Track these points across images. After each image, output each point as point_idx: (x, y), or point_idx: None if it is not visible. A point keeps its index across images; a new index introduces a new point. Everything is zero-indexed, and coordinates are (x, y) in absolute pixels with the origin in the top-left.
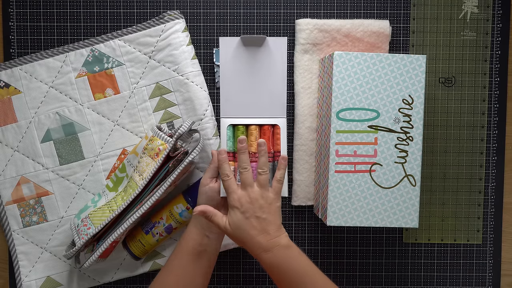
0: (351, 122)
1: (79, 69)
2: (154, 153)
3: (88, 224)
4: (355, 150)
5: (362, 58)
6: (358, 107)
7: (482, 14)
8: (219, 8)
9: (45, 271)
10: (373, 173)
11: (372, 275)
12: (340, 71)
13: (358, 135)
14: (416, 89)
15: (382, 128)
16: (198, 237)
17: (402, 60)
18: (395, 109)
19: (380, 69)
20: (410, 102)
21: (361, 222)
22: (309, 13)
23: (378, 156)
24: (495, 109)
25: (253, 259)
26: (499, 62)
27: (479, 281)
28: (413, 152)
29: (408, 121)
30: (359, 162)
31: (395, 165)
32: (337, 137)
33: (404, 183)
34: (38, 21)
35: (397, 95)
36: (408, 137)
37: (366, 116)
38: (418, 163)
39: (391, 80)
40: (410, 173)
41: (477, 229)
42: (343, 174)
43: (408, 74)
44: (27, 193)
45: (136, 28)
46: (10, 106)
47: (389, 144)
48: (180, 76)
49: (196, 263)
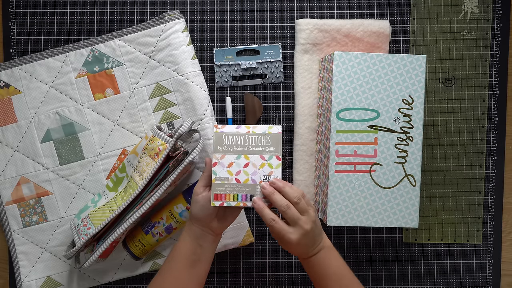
0: (351, 122)
1: (79, 69)
2: (154, 153)
3: (88, 224)
4: (355, 150)
5: (362, 58)
6: (358, 107)
7: (482, 14)
8: (219, 8)
9: (45, 271)
10: (373, 173)
11: (372, 275)
12: (340, 71)
13: (358, 135)
14: (416, 89)
15: (382, 128)
16: (191, 246)
17: (402, 60)
18: (395, 109)
19: (380, 69)
20: (410, 102)
21: (361, 222)
22: (309, 13)
23: (378, 156)
24: (495, 109)
25: (253, 259)
26: (499, 62)
27: (479, 281)
28: (413, 152)
29: (408, 121)
30: (359, 162)
31: (395, 165)
32: (337, 137)
33: (404, 183)
34: (38, 21)
35: (397, 95)
36: (408, 137)
37: (366, 116)
38: (418, 163)
39: (391, 80)
40: (410, 173)
41: (477, 229)
42: (343, 174)
43: (408, 74)
44: (27, 193)
45: (136, 28)
46: (10, 106)
47: (389, 144)
48: (180, 76)
49: (190, 271)
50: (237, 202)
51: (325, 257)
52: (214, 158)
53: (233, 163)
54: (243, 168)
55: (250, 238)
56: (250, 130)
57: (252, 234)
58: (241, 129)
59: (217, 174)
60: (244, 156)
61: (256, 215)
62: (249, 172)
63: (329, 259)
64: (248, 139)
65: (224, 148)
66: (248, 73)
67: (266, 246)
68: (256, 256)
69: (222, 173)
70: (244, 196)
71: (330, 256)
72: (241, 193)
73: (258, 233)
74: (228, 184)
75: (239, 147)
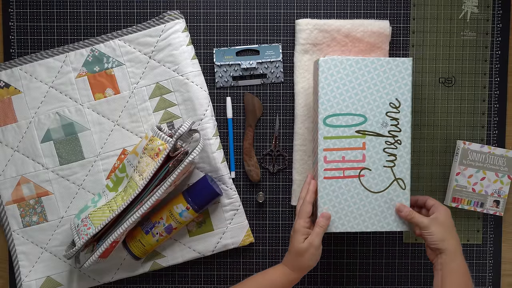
0: (338, 128)
1: (79, 69)
2: (154, 153)
3: (88, 224)
4: (343, 156)
5: (347, 63)
6: (345, 113)
7: (482, 14)
8: (219, 8)
9: (45, 271)
10: (362, 178)
11: (372, 275)
12: (326, 77)
13: (346, 140)
14: (403, 92)
15: (369, 133)
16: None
17: (388, 64)
18: (382, 113)
19: (366, 74)
20: (397, 106)
21: (352, 227)
22: (309, 13)
23: (366, 161)
24: (495, 109)
25: (253, 259)
26: (499, 62)
27: (479, 281)
28: (402, 156)
29: (395, 124)
30: (348, 168)
31: (384, 169)
32: (325, 144)
33: (394, 186)
34: (38, 21)
35: (384, 99)
36: (396, 140)
37: (353, 121)
38: (407, 167)
39: (377, 84)
40: (399, 177)
41: (477, 229)
42: (332, 180)
43: (394, 78)
44: (27, 193)
45: (136, 28)
46: (10, 106)
47: (377, 148)
48: (180, 76)
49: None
50: (469, 206)
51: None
52: (458, 169)
53: (472, 175)
54: (480, 181)
55: (250, 238)
56: (491, 150)
57: (252, 234)
58: (484, 148)
59: (458, 181)
60: (482, 171)
61: (256, 215)
62: (483, 185)
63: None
64: (488, 158)
65: (468, 162)
66: (248, 73)
67: (266, 246)
68: (256, 256)
69: (462, 181)
70: (476, 202)
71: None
72: (474, 200)
73: (258, 233)
74: (465, 192)
75: (479, 163)
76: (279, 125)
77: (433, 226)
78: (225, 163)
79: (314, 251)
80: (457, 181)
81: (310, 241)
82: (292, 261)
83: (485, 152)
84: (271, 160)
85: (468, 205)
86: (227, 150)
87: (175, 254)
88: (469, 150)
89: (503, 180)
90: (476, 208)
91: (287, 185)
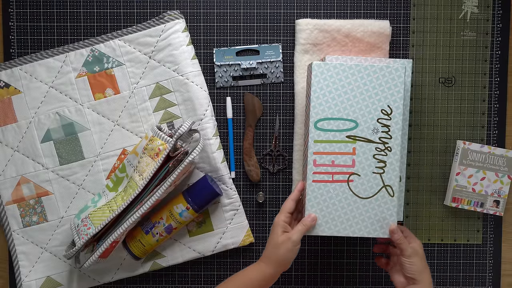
0: (329, 132)
1: (79, 69)
2: (154, 153)
3: (88, 224)
4: (333, 160)
5: (341, 68)
6: (337, 117)
7: (482, 14)
8: (219, 8)
9: (45, 271)
10: (351, 183)
11: (372, 275)
12: (319, 81)
13: (336, 145)
14: (395, 100)
15: (360, 138)
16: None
17: (381, 71)
18: (373, 120)
19: (359, 79)
20: (389, 113)
21: (339, 231)
22: (309, 13)
23: (356, 166)
24: (495, 109)
25: (253, 259)
26: (499, 62)
27: (479, 281)
28: (392, 163)
29: (386, 131)
30: (337, 172)
31: (373, 175)
32: (315, 147)
33: (382, 193)
34: (38, 21)
35: (376, 105)
36: (387, 147)
37: (345, 126)
38: (396, 174)
39: (369, 90)
40: (388, 184)
41: (477, 229)
42: (321, 183)
43: (387, 85)
44: (27, 193)
45: (136, 28)
46: (10, 106)
47: (367, 154)
48: (180, 76)
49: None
50: (469, 206)
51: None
52: (458, 169)
53: (472, 175)
54: (480, 180)
55: (250, 238)
56: (491, 150)
57: (252, 234)
58: (484, 148)
59: (458, 182)
60: (482, 171)
61: (256, 215)
62: (483, 185)
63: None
64: (488, 158)
65: (468, 162)
66: (248, 73)
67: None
68: (256, 256)
69: (462, 181)
70: (476, 202)
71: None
72: (474, 200)
73: (258, 233)
74: (465, 192)
75: (479, 163)
76: (279, 125)
77: (415, 256)
78: (225, 163)
79: (290, 245)
80: (457, 181)
81: (288, 235)
82: (268, 254)
83: (485, 152)
84: (271, 160)
85: (468, 205)
86: (227, 150)
87: (175, 254)
88: (469, 150)
89: (503, 180)
90: (476, 208)
91: (287, 185)
